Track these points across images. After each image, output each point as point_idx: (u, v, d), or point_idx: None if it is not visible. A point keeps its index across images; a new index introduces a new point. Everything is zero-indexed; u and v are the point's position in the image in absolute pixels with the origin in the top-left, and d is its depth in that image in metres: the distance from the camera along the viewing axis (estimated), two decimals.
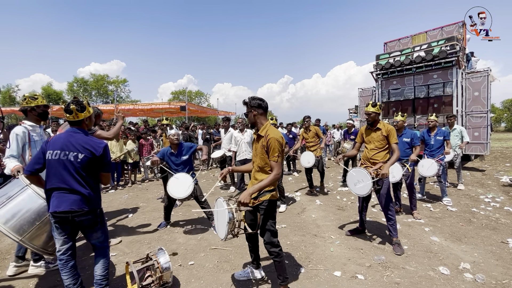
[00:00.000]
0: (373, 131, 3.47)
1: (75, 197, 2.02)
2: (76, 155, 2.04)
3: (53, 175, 2.03)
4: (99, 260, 2.22)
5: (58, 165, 2.03)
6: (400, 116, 4.42)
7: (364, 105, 11.44)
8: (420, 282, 2.57)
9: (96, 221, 2.15)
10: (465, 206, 4.89)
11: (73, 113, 2.14)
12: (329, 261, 2.99)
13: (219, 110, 21.68)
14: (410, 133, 4.43)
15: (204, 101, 41.50)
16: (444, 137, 4.93)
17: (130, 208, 5.18)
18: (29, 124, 2.80)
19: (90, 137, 2.17)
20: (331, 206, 5.06)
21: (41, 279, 2.72)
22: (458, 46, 8.24)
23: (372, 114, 3.41)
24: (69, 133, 2.14)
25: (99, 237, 2.21)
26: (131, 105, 17.34)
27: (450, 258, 3.02)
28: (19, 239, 2.17)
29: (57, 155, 2.03)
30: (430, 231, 3.78)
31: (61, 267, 2.11)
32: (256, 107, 2.35)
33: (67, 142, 2.07)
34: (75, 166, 2.03)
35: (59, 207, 1.99)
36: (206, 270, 2.87)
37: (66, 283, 2.11)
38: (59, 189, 2.02)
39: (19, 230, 2.17)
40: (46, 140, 2.15)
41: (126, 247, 3.46)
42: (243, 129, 5.62)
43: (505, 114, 44.03)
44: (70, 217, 2.01)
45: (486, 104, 8.19)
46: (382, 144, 3.40)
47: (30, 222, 2.22)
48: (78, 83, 35.58)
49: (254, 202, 2.34)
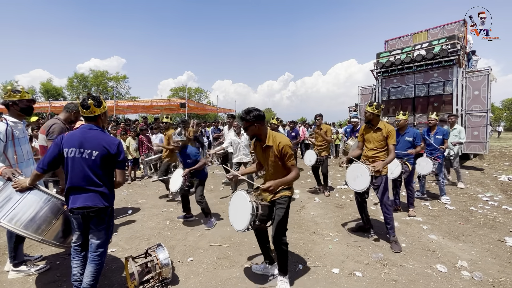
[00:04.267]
0: (373, 131, 3.45)
1: (90, 193, 2.03)
2: (90, 152, 2.02)
3: (71, 173, 2.03)
4: (90, 266, 2.12)
5: (74, 163, 2.02)
6: (402, 115, 4.41)
7: (364, 103, 11.44)
8: (417, 279, 2.59)
9: (104, 220, 2.13)
10: (463, 204, 4.91)
11: (91, 108, 2.11)
12: (328, 258, 3.01)
13: (219, 107, 21.62)
14: (413, 132, 4.40)
15: (204, 98, 41.40)
16: (443, 136, 4.95)
17: (130, 205, 5.19)
18: (11, 120, 2.59)
19: (105, 134, 2.16)
20: (330, 204, 5.08)
21: (40, 274, 2.73)
22: (459, 44, 8.22)
23: (367, 114, 3.44)
24: (84, 130, 2.10)
25: (101, 237, 2.13)
26: (131, 102, 17.29)
27: (447, 256, 3.04)
28: (40, 238, 2.14)
29: (72, 152, 2.02)
30: (428, 229, 3.80)
31: (73, 255, 2.17)
32: (257, 120, 2.33)
33: (82, 139, 2.05)
34: (90, 164, 2.02)
35: (75, 203, 2.01)
36: (205, 266, 2.88)
37: (75, 271, 2.15)
38: (76, 187, 2.03)
39: (37, 230, 2.14)
40: (61, 137, 2.10)
41: (126, 243, 3.47)
42: (239, 133, 5.55)
43: (505, 113, 44.06)
44: (85, 212, 2.03)
45: (486, 104, 8.19)
46: (382, 145, 3.40)
47: (47, 221, 2.19)
48: (78, 79, 35.44)
49: (273, 197, 2.40)
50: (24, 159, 2.68)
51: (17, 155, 2.58)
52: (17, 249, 2.67)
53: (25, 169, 2.62)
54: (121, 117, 20.53)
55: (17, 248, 2.67)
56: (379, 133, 3.40)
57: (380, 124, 3.42)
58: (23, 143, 2.68)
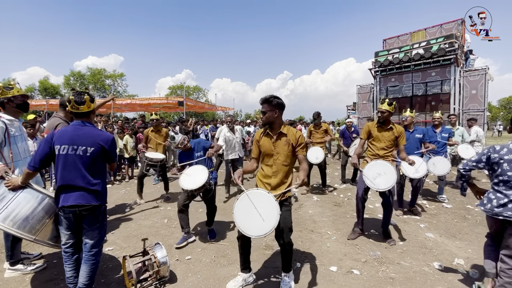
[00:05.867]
0: (384, 130, 3.38)
1: (82, 191, 2.00)
2: (85, 149, 2.00)
3: (63, 171, 1.99)
4: (84, 266, 2.09)
5: (67, 160, 1.99)
6: (409, 112, 4.40)
7: (362, 102, 11.46)
8: (414, 277, 2.61)
9: (98, 219, 2.10)
10: (460, 203, 4.94)
11: (86, 104, 2.08)
12: (325, 257, 3.02)
13: (217, 105, 21.57)
14: (422, 130, 4.41)
15: (202, 97, 41.26)
16: (449, 135, 4.97)
17: (127, 203, 5.17)
18: (7, 118, 2.55)
19: (98, 130, 2.14)
20: (328, 202, 5.09)
21: (37, 273, 2.71)
22: (456, 43, 8.26)
23: (385, 113, 3.30)
24: (76, 126, 2.08)
25: (95, 237, 2.11)
26: (129, 100, 17.20)
27: (444, 254, 3.07)
28: (33, 238, 2.12)
29: (65, 149, 1.98)
30: (425, 228, 3.82)
31: (65, 259, 2.11)
32: (278, 107, 2.36)
33: (75, 136, 2.02)
34: (84, 161, 2.00)
35: (66, 201, 1.97)
36: (203, 264, 2.88)
37: (68, 275, 2.12)
38: (69, 185, 1.99)
39: (31, 230, 2.11)
40: (52, 134, 2.07)
41: (123, 242, 3.46)
42: (233, 128, 5.39)
43: (501, 112, 44.34)
44: (77, 211, 1.99)
45: (483, 102, 8.25)
46: (392, 144, 3.37)
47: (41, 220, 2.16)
48: (75, 77, 35.17)
49: (281, 197, 2.35)
50: (20, 157, 2.64)
51: (12, 153, 2.54)
52: (14, 248, 2.65)
53: (22, 167, 2.58)
54: (118, 115, 20.42)
55: (14, 247, 2.65)
56: (391, 132, 3.34)
57: (391, 123, 3.37)
58: (19, 141, 2.64)
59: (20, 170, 2.53)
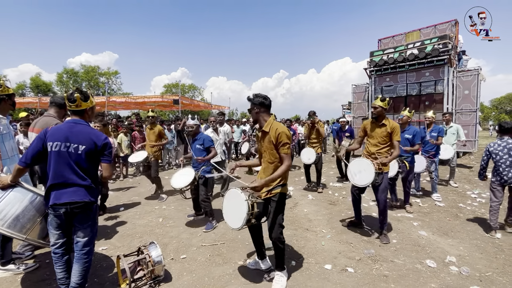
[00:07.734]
0: (378, 127, 3.41)
1: (75, 188, 1.98)
2: (77, 147, 1.98)
3: (55, 168, 1.97)
4: (77, 265, 2.06)
5: (59, 157, 1.97)
6: (407, 112, 4.41)
7: (357, 101, 11.53)
8: (407, 274, 2.64)
9: (89, 216, 2.08)
10: (453, 201, 5.02)
11: (77, 102, 2.07)
12: (320, 255, 3.04)
13: (213, 104, 21.49)
14: (413, 130, 4.38)
15: (198, 95, 41.02)
16: (438, 134, 5.03)
17: (122, 202, 5.13)
18: None
19: (91, 129, 2.12)
20: (323, 201, 5.12)
21: (29, 273, 2.67)
22: (450, 44, 8.34)
23: (378, 108, 3.36)
24: (70, 124, 2.07)
25: (87, 235, 2.08)
26: (123, 98, 17.02)
27: (437, 251, 3.11)
28: (23, 237, 2.09)
29: (57, 146, 1.97)
30: (418, 226, 3.87)
31: (55, 260, 2.08)
32: (258, 105, 2.41)
33: (68, 133, 2.00)
34: (75, 158, 1.98)
35: (59, 199, 1.95)
36: (198, 263, 2.88)
37: (59, 276, 2.08)
38: (61, 182, 1.97)
39: (22, 229, 2.08)
40: (45, 131, 2.04)
41: (118, 241, 3.43)
42: (217, 129, 5.26)
43: (493, 112, 45.11)
44: (69, 208, 1.97)
45: (476, 103, 8.36)
46: (385, 141, 3.37)
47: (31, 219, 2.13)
48: (68, 74, 34.62)
49: (267, 195, 2.39)
50: (8, 156, 2.59)
51: (0, 151, 2.50)
52: (5, 247, 2.61)
53: (9, 166, 2.54)
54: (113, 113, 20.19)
55: (5, 246, 2.60)
56: (384, 128, 3.36)
57: (385, 120, 3.39)
58: (6, 139, 2.60)
59: (8, 169, 2.49)
